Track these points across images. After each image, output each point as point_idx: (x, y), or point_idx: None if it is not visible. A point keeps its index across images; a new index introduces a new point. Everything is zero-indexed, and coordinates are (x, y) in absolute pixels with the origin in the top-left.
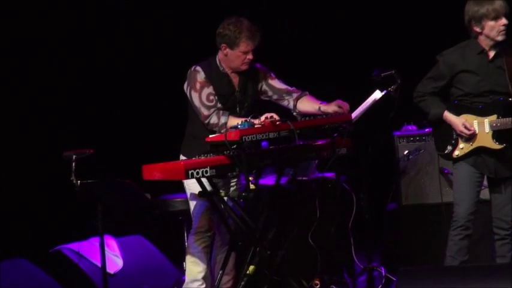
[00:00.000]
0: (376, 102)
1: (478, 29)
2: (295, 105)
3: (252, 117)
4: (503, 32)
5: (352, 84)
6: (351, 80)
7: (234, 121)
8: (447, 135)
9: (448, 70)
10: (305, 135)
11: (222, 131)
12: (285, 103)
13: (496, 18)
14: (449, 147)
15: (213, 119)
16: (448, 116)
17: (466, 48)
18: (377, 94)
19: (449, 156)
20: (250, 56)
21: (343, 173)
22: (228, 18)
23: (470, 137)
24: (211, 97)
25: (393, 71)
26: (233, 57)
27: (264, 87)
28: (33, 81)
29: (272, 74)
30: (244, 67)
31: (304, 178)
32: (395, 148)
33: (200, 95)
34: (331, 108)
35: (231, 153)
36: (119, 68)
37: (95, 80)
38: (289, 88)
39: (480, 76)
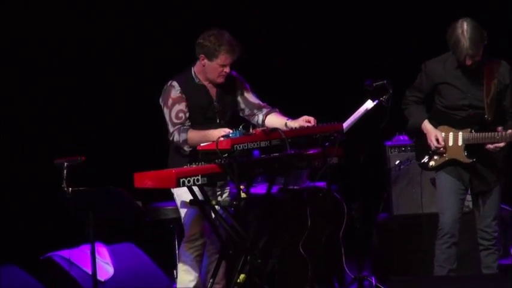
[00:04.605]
0: (367, 112)
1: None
2: (263, 120)
3: (242, 128)
4: (468, 67)
5: (344, 93)
6: (343, 89)
7: (195, 135)
8: (425, 145)
9: (429, 80)
10: (296, 144)
11: (186, 148)
12: (255, 119)
13: (460, 58)
14: (426, 157)
15: (175, 137)
16: (426, 125)
17: (447, 60)
18: (369, 104)
19: (425, 166)
20: (227, 69)
21: (335, 182)
22: (210, 29)
23: (441, 150)
24: (180, 114)
25: (385, 81)
26: (210, 68)
27: (239, 98)
28: (24, 88)
29: (247, 86)
30: (220, 80)
31: (295, 187)
32: (387, 158)
33: (170, 111)
34: (297, 123)
35: (223, 161)
36: (111, 75)
37: (87, 87)
38: (261, 103)
39: (459, 90)
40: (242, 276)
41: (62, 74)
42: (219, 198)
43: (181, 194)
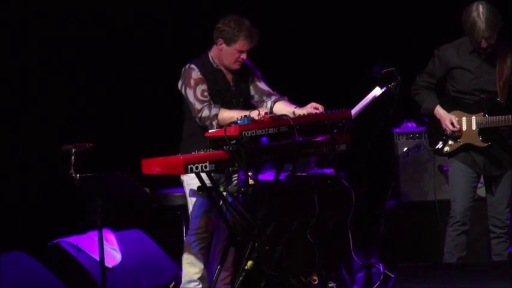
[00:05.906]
0: (376, 99)
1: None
2: (271, 107)
3: (250, 111)
4: (483, 50)
5: (353, 80)
6: (351, 76)
7: (226, 113)
8: (439, 131)
9: (443, 65)
10: (304, 131)
11: (214, 123)
12: (264, 106)
13: (476, 42)
14: (441, 143)
15: (205, 112)
16: (439, 110)
17: (461, 45)
18: (377, 91)
19: (440, 152)
20: (244, 56)
21: (343, 169)
22: (230, 15)
23: (457, 134)
24: (205, 93)
25: (393, 68)
26: (227, 53)
27: (250, 85)
28: (33, 75)
29: (258, 73)
30: (235, 66)
31: (303, 174)
32: (395, 145)
33: (195, 91)
34: (305, 110)
35: (231, 148)
36: (119, 61)
37: (95, 74)
38: (271, 91)
39: (472, 74)
40: (250, 263)
41: (70, 61)
42: (231, 185)
43: (191, 184)
